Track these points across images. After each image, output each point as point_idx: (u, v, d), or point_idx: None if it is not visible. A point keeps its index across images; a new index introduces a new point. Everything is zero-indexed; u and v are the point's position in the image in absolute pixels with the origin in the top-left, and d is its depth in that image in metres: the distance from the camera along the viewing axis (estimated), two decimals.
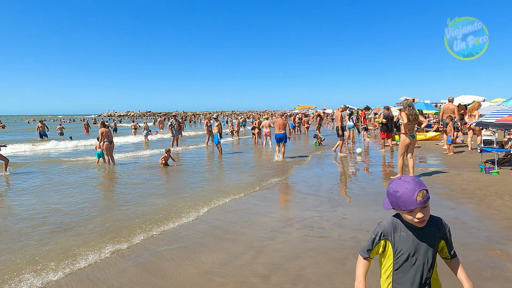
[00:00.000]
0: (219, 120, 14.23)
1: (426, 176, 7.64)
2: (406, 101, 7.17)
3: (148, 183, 8.17)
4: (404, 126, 7.07)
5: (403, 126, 7.11)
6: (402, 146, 7.12)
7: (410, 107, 7.01)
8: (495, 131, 12.30)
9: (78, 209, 5.99)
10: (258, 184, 7.70)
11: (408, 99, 7.33)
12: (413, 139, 7.02)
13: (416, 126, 16.73)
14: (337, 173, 8.85)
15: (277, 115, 28.23)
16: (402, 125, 7.14)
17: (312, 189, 7.00)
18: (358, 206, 5.63)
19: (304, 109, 59.59)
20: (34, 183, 8.55)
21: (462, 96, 18.57)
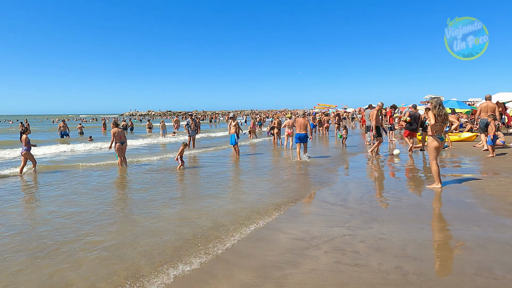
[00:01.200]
0: (236, 119, 13.48)
1: (471, 184, 6.62)
2: (435, 99, 6.34)
3: (154, 191, 7.54)
4: (432, 128, 6.34)
5: (430, 127, 6.37)
6: (432, 149, 6.42)
7: (439, 106, 6.26)
8: None
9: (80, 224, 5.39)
10: (282, 199, 6.91)
11: (437, 97, 6.43)
12: (442, 142, 6.37)
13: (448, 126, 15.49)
14: (366, 179, 7.93)
15: (298, 114, 27.40)
16: (430, 126, 6.39)
17: (339, 198, 6.15)
18: (396, 221, 4.73)
19: (324, 108, 58.47)
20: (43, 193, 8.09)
21: (500, 93, 17.06)
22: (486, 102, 11.91)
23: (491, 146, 10.33)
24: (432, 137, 6.41)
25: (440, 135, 6.35)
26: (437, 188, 6.43)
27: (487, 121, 11.63)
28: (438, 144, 6.35)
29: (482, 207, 5.17)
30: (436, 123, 6.28)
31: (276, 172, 9.22)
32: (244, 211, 5.58)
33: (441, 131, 6.37)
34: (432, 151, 6.43)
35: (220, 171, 9.71)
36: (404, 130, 12.72)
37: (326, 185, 7.37)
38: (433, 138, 6.38)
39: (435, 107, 6.28)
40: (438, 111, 6.26)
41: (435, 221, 4.71)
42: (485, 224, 4.42)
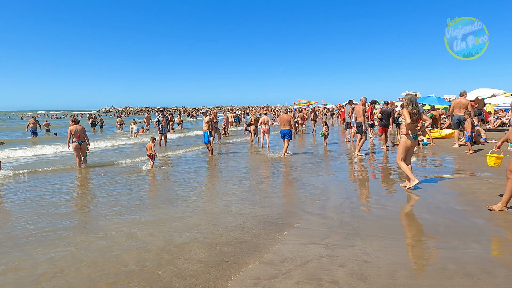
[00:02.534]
0: (208, 115, 12.55)
1: (459, 187, 6.04)
2: (408, 97, 5.99)
3: (108, 199, 6.58)
4: (407, 126, 6.01)
5: (405, 126, 6.00)
6: (403, 148, 6.14)
7: (413, 104, 5.98)
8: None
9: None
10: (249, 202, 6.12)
11: (410, 94, 6.07)
12: (415, 141, 6.12)
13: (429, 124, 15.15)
14: (347, 181, 7.24)
15: (281, 111, 26.61)
16: (404, 124, 6.01)
17: (317, 205, 5.41)
18: (383, 236, 4.02)
19: (304, 105, 58.33)
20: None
21: (479, 89, 16.88)
22: (460, 98, 11.73)
23: (469, 142, 9.96)
24: (406, 136, 6.07)
25: (413, 134, 6.04)
26: (414, 182, 6.04)
27: (459, 117, 11.36)
28: (410, 143, 6.06)
29: (477, 216, 4.54)
30: (411, 122, 5.97)
31: (249, 174, 8.42)
32: (206, 224, 4.75)
33: (415, 130, 6.06)
34: (402, 151, 6.12)
35: (190, 172, 8.82)
36: (379, 127, 12.28)
37: (302, 189, 6.63)
38: (407, 137, 6.06)
39: (409, 105, 5.98)
40: (412, 109, 5.95)
41: (427, 236, 4.02)
42: (485, 239, 3.77)
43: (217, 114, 18.58)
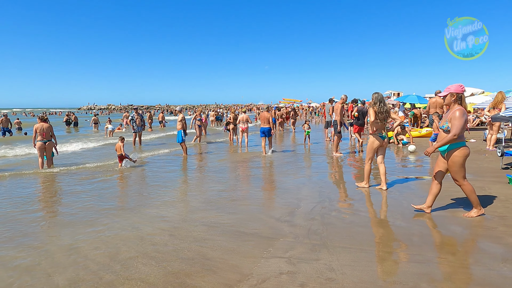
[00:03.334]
0: (183, 113, 12.01)
1: (442, 189, 5.74)
2: (376, 95, 5.94)
3: (59, 205, 6.02)
4: (372, 125, 5.94)
5: (370, 125, 5.90)
6: (370, 149, 6.02)
7: (381, 102, 5.88)
8: (503, 129, 10.63)
9: None
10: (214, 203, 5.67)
11: (377, 93, 5.93)
12: (384, 141, 5.95)
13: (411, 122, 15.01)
14: (322, 183, 6.87)
15: (261, 109, 26.22)
16: (370, 123, 5.94)
17: (286, 211, 5.01)
18: (352, 247, 3.64)
19: (289, 103, 58.29)
20: None
21: None
22: (435, 98, 11.83)
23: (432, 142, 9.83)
24: (372, 135, 5.95)
25: (381, 133, 5.91)
26: (365, 188, 6.11)
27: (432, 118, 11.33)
28: (379, 143, 5.92)
29: (454, 223, 4.23)
30: (377, 120, 5.86)
31: (222, 176, 7.97)
32: (162, 235, 4.28)
33: (382, 129, 5.93)
34: (369, 150, 6.02)
35: (159, 175, 8.30)
36: (354, 126, 12.06)
37: (274, 192, 6.23)
38: (374, 136, 5.94)
39: (376, 104, 5.88)
40: (379, 108, 5.85)
41: (399, 247, 3.67)
42: (461, 251, 3.43)
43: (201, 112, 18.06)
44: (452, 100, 4.21)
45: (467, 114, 4.31)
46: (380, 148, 6.00)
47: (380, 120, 5.85)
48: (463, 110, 4.06)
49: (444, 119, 4.33)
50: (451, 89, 4.22)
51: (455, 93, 4.18)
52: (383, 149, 6.04)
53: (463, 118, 4.00)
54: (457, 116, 4.02)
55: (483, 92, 18.51)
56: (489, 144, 9.72)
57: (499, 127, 9.51)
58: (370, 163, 6.11)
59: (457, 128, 3.98)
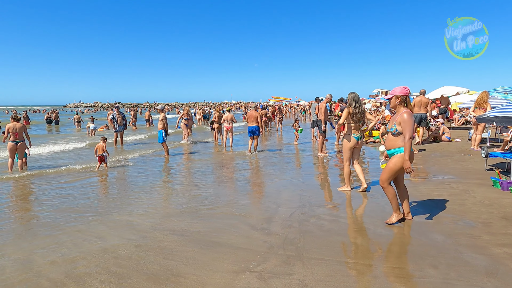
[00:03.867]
0: (164, 112, 11.62)
1: (424, 191, 5.57)
2: (351, 95, 5.84)
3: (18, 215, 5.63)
4: (345, 126, 5.89)
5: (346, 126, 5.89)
6: (346, 149, 5.90)
7: (356, 103, 5.78)
8: (488, 128, 10.59)
9: None
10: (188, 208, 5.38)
11: (353, 93, 5.85)
12: (358, 142, 5.85)
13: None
14: (304, 185, 6.63)
15: (250, 107, 26.02)
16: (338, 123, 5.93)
17: (263, 217, 4.76)
18: (328, 260, 3.40)
19: (278, 101, 58.09)
20: None
21: (444, 87, 16.91)
22: (420, 97, 11.59)
23: None
24: (346, 136, 5.87)
25: (356, 134, 5.79)
26: (346, 191, 5.92)
27: (421, 116, 11.20)
28: (353, 144, 5.81)
29: (437, 231, 4.02)
30: (349, 121, 5.76)
31: (201, 178, 7.67)
32: (127, 245, 3.97)
33: (357, 130, 5.82)
34: (346, 151, 5.90)
35: (136, 177, 7.94)
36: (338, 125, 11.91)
37: (254, 195, 5.97)
38: (347, 138, 5.86)
39: (351, 104, 5.77)
40: (354, 109, 5.75)
41: (378, 259, 3.44)
42: (443, 263, 3.22)
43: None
44: (397, 103, 4.09)
45: (453, 113, 4.18)
46: (355, 149, 5.90)
47: (355, 121, 5.75)
48: (410, 112, 3.97)
49: (391, 122, 4.23)
50: (396, 92, 4.08)
51: (400, 95, 4.06)
52: (358, 150, 5.94)
53: (412, 120, 3.88)
54: (406, 119, 3.88)
55: (468, 91, 18.58)
56: (474, 144, 9.65)
57: (484, 127, 9.44)
58: (348, 164, 5.96)
59: (410, 131, 3.84)
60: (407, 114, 3.91)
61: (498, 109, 7.34)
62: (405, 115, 3.92)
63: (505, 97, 14.14)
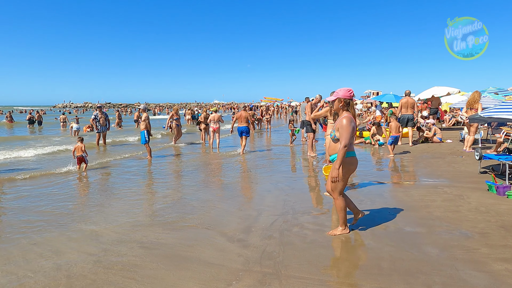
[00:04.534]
0: (147, 112, 11.12)
1: (416, 196, 5.21)
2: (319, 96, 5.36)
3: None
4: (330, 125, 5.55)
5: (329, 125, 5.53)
6: None
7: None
8: (480, 129, 10.34)
9: None
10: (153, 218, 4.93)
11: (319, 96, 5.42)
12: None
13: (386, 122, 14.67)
14: (289, 190, 6.23)
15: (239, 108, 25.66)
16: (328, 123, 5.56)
17: (242, 226, 4.34)
18: (309, 279, 2.99)
19: (270, 102, 57.91)
20: None
21: (435, 88, 16.73)
22: (406, 98, 11.58)
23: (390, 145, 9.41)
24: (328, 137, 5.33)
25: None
26: None
27: (408, 117, 11.08)
28: None
29: (430, 243, 3.65)
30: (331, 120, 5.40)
31: (183, 182, 7.23)
32: (86, 261, 3.51)
33: None
34: None
35: (113, 182, 7.47)
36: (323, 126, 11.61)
37: (233, 201, 5.54)
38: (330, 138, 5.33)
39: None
40: None
41: (365, 277, 3.05)
42: (438, 282, 2.84)
43: None
44: (340, 106, 3.71)
45: (444, 113, 3.81)
46: None
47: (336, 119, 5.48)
48: (350, 117, 3.61)
49: (332, 127, 3.99)
50: (339, 94, 3.70)
51: (343, 98, 3.68)
52: None
53: (350, 126, 3.52)
54: (344, 125, 3.53)
55: (459, 92, 18.45)
56: (466, 145, 9.39)
57: (476, 128, 9.17)
58: None
59: (346, 138, 3.49)
60: (346, 120, 3.55)
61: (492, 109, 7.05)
62: (344, 120, 3.55)
63: (496, 97, 13.97)
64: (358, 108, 31.00)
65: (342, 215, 3.86)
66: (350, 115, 3.63)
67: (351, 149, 3.64)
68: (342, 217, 3.87)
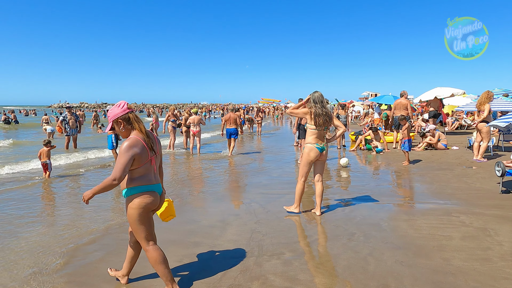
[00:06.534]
0: None
1: (424, 228, 3.91)
2: (316, 94, 4.49)
3: None
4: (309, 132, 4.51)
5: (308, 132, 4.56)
6: (304, 163, 4.59)
7: (319, 103, 4.44)
8: (492, 135, 9.07)
9: None
10: None
11: (317, 91, 4.50)
12: (322, 153, 4.51)
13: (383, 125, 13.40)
14: (264, 215, 4.91)
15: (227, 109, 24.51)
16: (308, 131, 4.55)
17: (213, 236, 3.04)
18: None
19: (268, 103, 56.89)
20: None
21: (438, 88, 15.42)
22: (400, 99, 11.02)
23: (407, 152, 8.15)
24: (308, 146, 4.49)
25: (318, 143, 4.45)
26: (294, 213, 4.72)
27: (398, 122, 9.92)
28: (314, 156, 4.47)
29: None
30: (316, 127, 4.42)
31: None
32: None
33: (321, 139, 4.50)
34: (304, 165, 4.59)
35: (61, 192, 6.14)
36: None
37: (180, 235, 4.20)
38: (309, 148, 4.49)
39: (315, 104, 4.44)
40: (316, 110, 4.40)
41: None
42: None
43: None
44: (121, 130, 2.62)
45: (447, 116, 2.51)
46: (317, 162, 4.59)
47: (317, 125, 4.40)
48: (132, 141, 2.50)
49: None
50: (110, 116, 2.61)
51: (119, 118, 2.58)
52: (321, 163, 4.63)
53: (127, 154, 2.42)
54: (121, 152, 2.46)
55: (464, 93, 17.20)
56: (478, 153, 8.11)
57: (489, 133, 7.89)
58: (303, 180, 4.66)
59: (117, 170, 2.40)
60: (125, 146, 2.47)
61: None
62: (123, 145, 2.48)
63: (506, 99, 12.75)
64: (356, 110, 29.73)
65: (161, 270, 2.67)
66: (134, 138, 2.52)
67: (142, 183, 2.56)
68: (163, 273, 2.68)
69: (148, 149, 2.55)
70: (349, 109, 22.48)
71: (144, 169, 2.56)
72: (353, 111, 27.12)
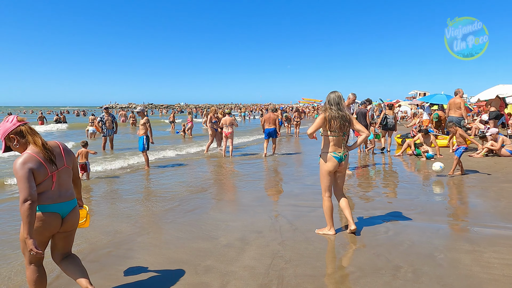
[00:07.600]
0: (146, 115, 9.63)
1: (498, 270, 3.04)
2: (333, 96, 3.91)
3: None
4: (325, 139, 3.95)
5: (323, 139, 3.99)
6: (323, 175, 3.99)
7: (336, 106, 3.87)
8: None
9: None
10: None
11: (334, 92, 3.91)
12: (342, 163, 3.90)
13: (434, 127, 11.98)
14: (290, 233, 4.27)
15: (268, 109, 24.20)
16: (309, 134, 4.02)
17: None
18: None
19: (309, 103, 55.81)
20: None
21: (500, 86, 13.62)
22: (453, 98, 9.99)
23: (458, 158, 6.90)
24: (325, 155, 3.92)
25: (336, 152, 3.86)
26: (329, 235, 4.00)
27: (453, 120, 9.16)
28: (332, 166, 3.88)
29: None
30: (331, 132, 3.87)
31: (135, 208, 5.54)
32: None
33: (340, 146, 3.89)
34: (324, 177, 3.99)
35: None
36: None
37: (187, 255, 3.68)
38: (324, 157, 3.94)
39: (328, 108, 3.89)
40: (331, 113, 3.85)
41: None
42: None
43: None
44: (14, 145, 2.38)
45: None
46: (337, 175, 3.99)
47: (334, 130, 3.83)
48: (25, 158, 2.24)
49: None
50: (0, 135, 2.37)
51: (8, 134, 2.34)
52: (342, 175, 4.03)
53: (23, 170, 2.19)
54: (16, 171, 2.21)
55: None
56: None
57: None
58: (328, 196, 4.03)
59: (21, 190, 2.14)
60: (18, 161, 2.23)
61: None
62: (17, 162, 2.24)
63: None
64: (403, 110, 27.78)
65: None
66: (31, 154, 2.27)
67: (40, 201, 2.27)
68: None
69: (47, 165, 2.28)
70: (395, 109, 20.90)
71: (44, 187, 2.29)
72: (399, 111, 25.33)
